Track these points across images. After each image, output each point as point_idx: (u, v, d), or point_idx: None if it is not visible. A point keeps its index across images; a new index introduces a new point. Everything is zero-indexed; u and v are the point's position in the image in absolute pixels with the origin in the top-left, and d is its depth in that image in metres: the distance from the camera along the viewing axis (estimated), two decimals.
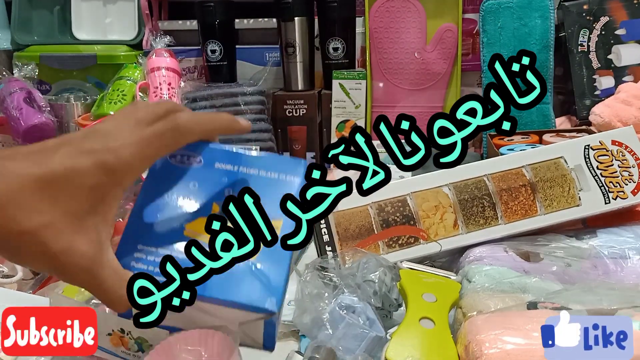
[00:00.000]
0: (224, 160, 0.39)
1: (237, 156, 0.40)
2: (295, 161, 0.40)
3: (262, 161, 0.40)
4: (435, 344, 0.43)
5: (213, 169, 0.39)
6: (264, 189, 0.35)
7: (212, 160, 0.39)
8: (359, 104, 0.94)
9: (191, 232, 0.36)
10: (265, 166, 0.39)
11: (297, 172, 0.39)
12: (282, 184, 0.39)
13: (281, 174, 0.39)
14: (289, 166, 0.40)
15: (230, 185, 0.38)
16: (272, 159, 0.40)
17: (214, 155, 0.39)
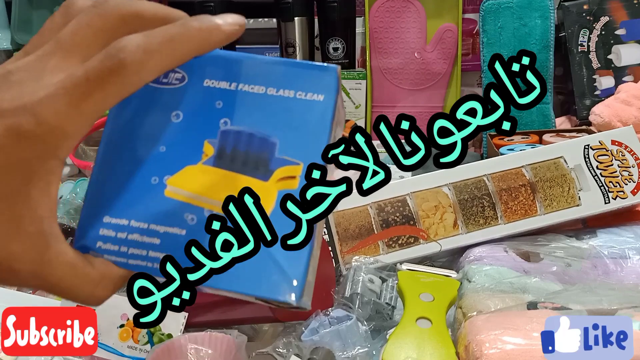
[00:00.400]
0: (217, 73, 0.29)
1: (235, 65, 0.29)
2: (320, 69, 0.29)
3: (273, 71, 0.29)
4: (432, 343, 0.43)
5: (202, 89, 0.29)
6: (277, 116, 0.28)
7: (200, 74, 0.29)
8: (359, 104, 0.94)
9: (175, 191, 0.28)
10: (277, 80, 0.29)
11: (324, 86, 0.29)
12: (302, 107, 0.29)
13: (300, 91, 0.29)
14: (311, 77, 0.29)
15: (227, 113, 0.29)
16: (287, 66, 0.29)
17: (203, 66, 0.29)
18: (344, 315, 0.48)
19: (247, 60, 0.30)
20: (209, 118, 0.29)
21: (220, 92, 0.29)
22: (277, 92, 0.29)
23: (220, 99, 0.29)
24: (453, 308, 0.49)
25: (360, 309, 0.50)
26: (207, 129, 0.28)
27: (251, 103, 0.29)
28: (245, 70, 0.30)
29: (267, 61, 0.30)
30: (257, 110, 0.29)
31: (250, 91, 0.29)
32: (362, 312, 0.50)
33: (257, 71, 0.30)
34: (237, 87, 0.29)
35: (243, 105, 0.29)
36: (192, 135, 0.28)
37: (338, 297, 0.51)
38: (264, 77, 0.29)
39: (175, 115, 0.29)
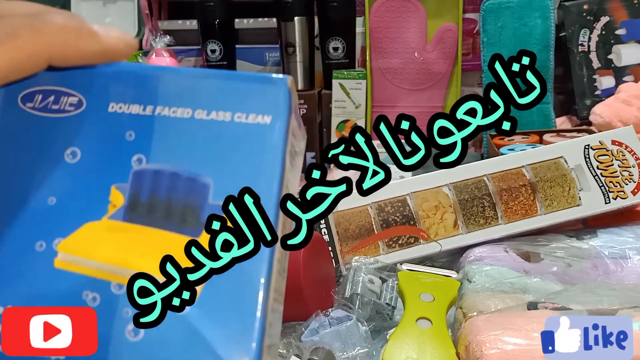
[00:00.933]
0: (126, 94, 0.22)
1: (149, 82, 0.22)
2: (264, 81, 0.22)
3: (202, 87, 0.22)
4: (433, 343, 0.43)
5: (106, 117, 0.22)
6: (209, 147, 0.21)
7: (103, 96, 0.22)
8: (359, 104, 0.94)
9: (70, 259, 0.21)
10: (208, 99, 0.22)
11: (271, 104, 0.22)
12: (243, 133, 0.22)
13: (239, 112, 0.22)
14: (254, 93, 0.22)
15: (141, 148, 0.22)
16: (220, 80, 0.22)
17: (105, 85, 0.22)
18: (344, 315, 0.48)
19: (165, 74, 0.22)
20: (117, 155, 0.21)
21: (131, 119, 0.22)
22: (208, 116, 0.22)
23: (131, 129, 0.22)
24: (453, 308, 0.49)
25: (360, 309, 0.50)
26: (115, 170, 0.21)
27: (173, 132, 0.22)
28: (164, 88, 0.22)
29: (193, 74, 0.22)
30: (181, 141, 0.22)
31: (172, 116, 0.22)
32: (362, 313, 0.50)
33: (180, 89, 0.22)
34: (153, 112, 0.22)
35: (163, 135, 0.22)
36: (93, 179, 0.21)
37: (338, 297, 0.51)
38: (189, 96, 0.22)
39: (69, 154, 0.21)
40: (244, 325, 0.20)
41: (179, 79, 0.23)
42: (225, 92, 0.22)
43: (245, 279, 0.22)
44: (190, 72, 0.23)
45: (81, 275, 0.21)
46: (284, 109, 0.22)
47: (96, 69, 0.22)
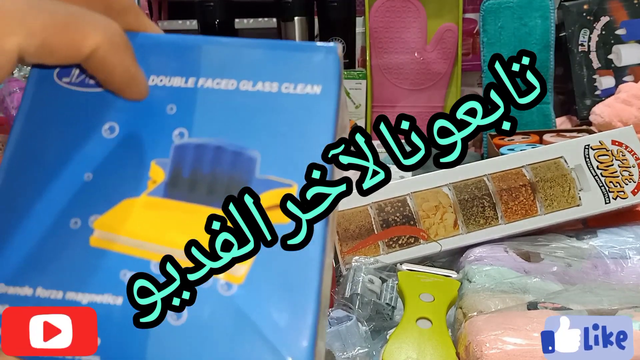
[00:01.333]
0: (167, 66, 0.21)
1: (191, 52, 0.21)
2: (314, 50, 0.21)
3: (247, 57, 0.21)
4: (432, 343, 0.43)
5: None
6: (255, 119, 0.20)
7: (143, 70, 0.21)
8: (359, 104, 0.94)
9: (107, 237, 0.19)
10: (253, 69, 0.21)
11: (321, 73, 0.21)
12: (292, 104, 0.21)
13: (287, 82, 0.21)
14: (302, 62, 0.21)
15: (183, 121, 0.21)
16: (267, 49, 0.21)
17: (145, 56, 0.21)
18: (344, 315, 0.48)
19: (208, 45, 0.21)
20: (157, 129, 0.20)
21: (172, 92, 0.21)
22: (254, 87, 0.21)
23: (172, 102, 0.21)
24: (453, 308, 0.49)
25: (360, 309, 0.50)
26: (155, 145, 0.20)
27: (217, 104, 0.21)
28: (207, 59, 0.21)
29: (238, 44, 0.21)
30: (226, 114, 0.20)
31: (216, 87, 0.21)
32: (362, 313, 0.50)
33: (223, 59, 0.21)
34: (196, 84, 0.21)
35: (206, 108, 0.21)
36: (131, 154, 0.20)
37: (338, 297, 0.51)
38: (234, 66, 0.21)
39: (107, 129, 0.20)
40: (298, 311, 0.19)
41: (222, 49, 0.21)
42: (272, 61, 0.21)
43: (299, 261, 0.20)
44: (234, 41, 0.22)
45: (118, 253, 0.20)
46: (335, 78, 0.21)
47: (136, 41, 0.20)
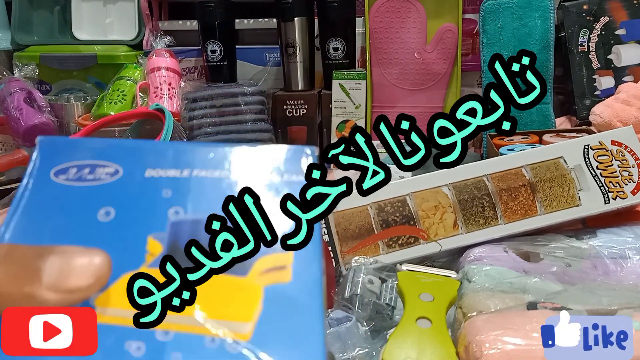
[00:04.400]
0: (163, 161, 0.23)
1: (186, 154, 0.24)
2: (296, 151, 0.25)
3: (239, 156, 0.24)
4: (432, 342, 0.43)
5: (142, 181, 0.23)
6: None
7: (139, 165, 0.23)
8: (359, 104, 0.94)
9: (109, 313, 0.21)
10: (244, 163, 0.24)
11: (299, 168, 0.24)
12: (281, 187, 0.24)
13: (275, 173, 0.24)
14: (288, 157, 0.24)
15: (179, 201, 0.22)
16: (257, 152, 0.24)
17: (143, 156, 0.23)
18: (343, 316, 0.48)
19: (202, 149, 0.23)
20: (153, 209, 0.22)
21: (168, 180, 0.22)
22: (245, 175, 0.23)
23: (168, 187, 0.22)
24: (453, 308, 0.49)
25: (360, 309, 0.50)
26: (151, 222, 0.22)
27: (212, 188, 0.22)
28: (201, 156, 0.23)
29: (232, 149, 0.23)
30: (219, 194, 0.22)
31: (210, 176, 0.23)
32: (362, 313, 0.50)
33: (217, 157, 0.23)
34: (190, 174, 0.23)
35: (200, 191, 0.22)
36: (128, 232, 0.21)
37: (338, 298, 0.51)
38: (227, 161, 0.23)
39: (104, 213, 0.21)
40: None
41: (214, 149, 0.24)
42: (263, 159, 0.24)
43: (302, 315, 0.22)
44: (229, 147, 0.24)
45: (123, 327, 0.21)
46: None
47: (134, 145, 0.23)
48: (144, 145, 0.24)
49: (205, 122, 0.89)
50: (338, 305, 0.50)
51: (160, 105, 0.88)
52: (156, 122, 0.87)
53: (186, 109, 0.91)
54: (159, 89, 0.96)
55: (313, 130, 0.97)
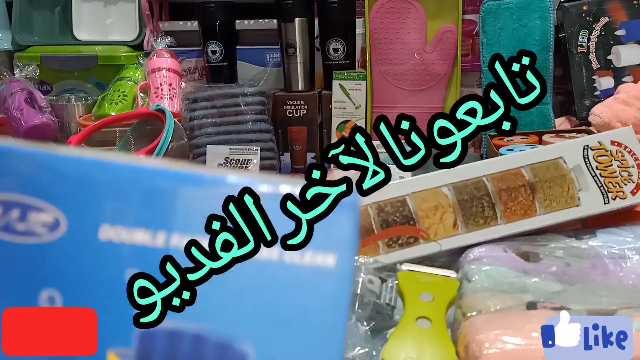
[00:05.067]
0: (127, 213, 0.16)
1: (162, 196, 0.16)
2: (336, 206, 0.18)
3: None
4: (432, 342, 0.43)
5: (94, 248, 0.16)
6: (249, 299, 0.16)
7: (91, 216, 0.16)
8: (359, 105, 0.95)
9: None
10: None
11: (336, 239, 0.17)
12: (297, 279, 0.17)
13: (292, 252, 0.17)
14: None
15: None
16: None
17: (94, 201, 0.16)
18: None
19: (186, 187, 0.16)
20: (114, 306, 0.15)
21: (134, 252, 0.15)
22: None
23: (135, 266, 0.15)
24: (453, 308, 0.49)
25: (360, 309, 0.50)
26: (110, 329, 0.15)
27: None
28: (185, 206, 0.15)
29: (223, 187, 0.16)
30: (209, 290, 0.15)
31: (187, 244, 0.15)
32: (361, 313, 0.50)
33: (205, 208, 0.16)
34: (167, 242, 0.15)
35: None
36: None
37: None
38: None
39: (46, 299, 0.15)
40: None
41: (205, 193, 0.15)
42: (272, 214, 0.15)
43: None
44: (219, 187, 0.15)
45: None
46: (352, 243, 0.16)
47: (82, 174, 0.14)
48: (97, 173, 0.15)
49: (206, 123, 0.89)
50: None
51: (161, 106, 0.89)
52: (157, 123, 0.87)
53: (187, 110, 0.91)
54: (160, 90, 0.96)
55: (313, 130, 0.97)
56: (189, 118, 0.90)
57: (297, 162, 0.98)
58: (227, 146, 0.87)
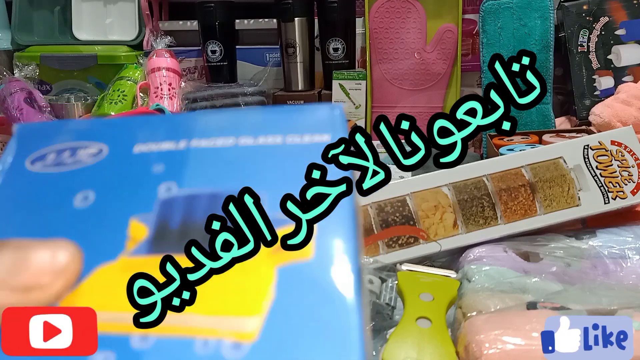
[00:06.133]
0: (156, 134, 0.19)
1: (183, 120, 0.20)
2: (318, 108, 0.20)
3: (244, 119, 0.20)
4: (432, 342, 0.43)
5: (129, 158, 0.19)
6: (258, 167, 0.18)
7: (127, 141, 0.19)
8: (359, 104, 0.94)
9: None
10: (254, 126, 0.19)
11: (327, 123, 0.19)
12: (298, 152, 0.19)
13: (292, 133, 0.19)
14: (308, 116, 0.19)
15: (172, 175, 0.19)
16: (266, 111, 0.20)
17: (131, 132, 0.20)
18: None
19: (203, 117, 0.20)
20: (140, 188, 0.18)
21: (160, 155, 0.19)
22: (255, 141, 0.19)
23: (160, 162, 0.19)
24: (453, 308, 0.49)
25: None
26: (135, 201, 0.18)
27: (213, 159, 0.19)
28: (202, 123, 0.20)
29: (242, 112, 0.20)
30: (223, 166, 0.18)
31: (211, 146, 0.19)
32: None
33: (220, 122, 0.20)
34: (188, 145, 0.19)
35: (199, 162, 0.19)
36: (108, 217, 0.18)
37: None
38: (232, 126, 0.19)
39: (81, 198, 0.18)
40: None
41: (218, 116, 0.20)
42: (273, 119, 0.19)
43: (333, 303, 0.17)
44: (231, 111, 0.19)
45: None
46: (343, 128, 0.19)
47: (122, 121, 0.19)
48: (134, 120, 0.20)
49: None
50: None
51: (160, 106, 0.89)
52: None
53: (186, 109, 0.91)
54: (160, 89, 0.96)
55: None
56: None
57: None
58: None
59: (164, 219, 0.19)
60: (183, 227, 0.19)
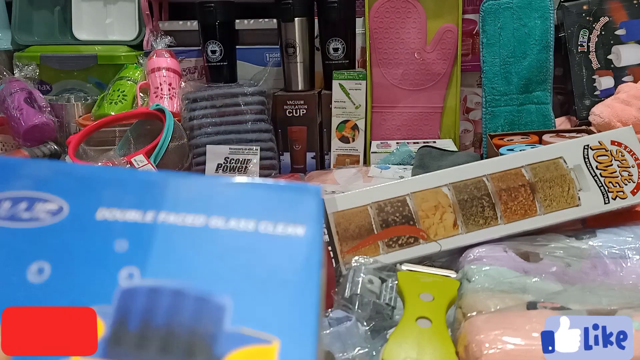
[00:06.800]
0: (122, 199, 0.18)
1: (154, 186, 0.18)
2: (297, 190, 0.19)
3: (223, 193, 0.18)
4: (432, 342, 0.43)
5: (91, 225, 0.17)
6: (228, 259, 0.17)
7: (90, 202, 0.18)
8: (359, 104, 0.94)
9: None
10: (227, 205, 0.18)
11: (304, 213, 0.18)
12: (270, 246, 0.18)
13: (266, 221, 0.18)
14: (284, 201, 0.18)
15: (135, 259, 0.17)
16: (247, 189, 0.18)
17: (95, 189, 0.18)
18: (343, 316, 0.48)
19: (176, 181, 0.18)
20: (99, 269, 0.17)
21: (125, 227, 0.17)
22: (226, 225, 0.17)
23: (123, 237, 0.17)
24: (453, 308, 0.49)
25: (360, 309, 0.50)
26: (94, 289, 0.16)
27: (180, 242, 0.17)
28: (173, 192, 0.18)
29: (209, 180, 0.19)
30: (190, 253, 0.17)
31: (180, 224, 0.17)
32: (361, 313, 0.50)
33: (191, 194, 0.18)
34: (155, 218, 0.17)
35: (165, 245, 0.17)
36: (62, 302, 0.16)
37: (338, 298, 0.51)
38: (204, 201, 0.18)
39: (36, 270, 0.17)
40: None
41: (191, 184, 0.18)
42: (248, 197, 0.18)
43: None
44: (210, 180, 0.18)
45: None
46: (319, 220, 0.19)
47: (88, 172, 0.17)
48: (100, 173, 0.18)
49: (206, 122, 0.89)
50: (338, 305, 0.50)
51: (160, 106, 0.89)
52: (156, 123, 0.87)
53: (186, 109, 0.91)
54: (160, 89, 0.96)
55: (313, 130, 0.97)
56: (189, 118, 0.90)
57: (297, 162, 0.98)
58: (227, 146, 0.87)
59: (122, 317, 0.17)
60: (142, 330, 0.17)
